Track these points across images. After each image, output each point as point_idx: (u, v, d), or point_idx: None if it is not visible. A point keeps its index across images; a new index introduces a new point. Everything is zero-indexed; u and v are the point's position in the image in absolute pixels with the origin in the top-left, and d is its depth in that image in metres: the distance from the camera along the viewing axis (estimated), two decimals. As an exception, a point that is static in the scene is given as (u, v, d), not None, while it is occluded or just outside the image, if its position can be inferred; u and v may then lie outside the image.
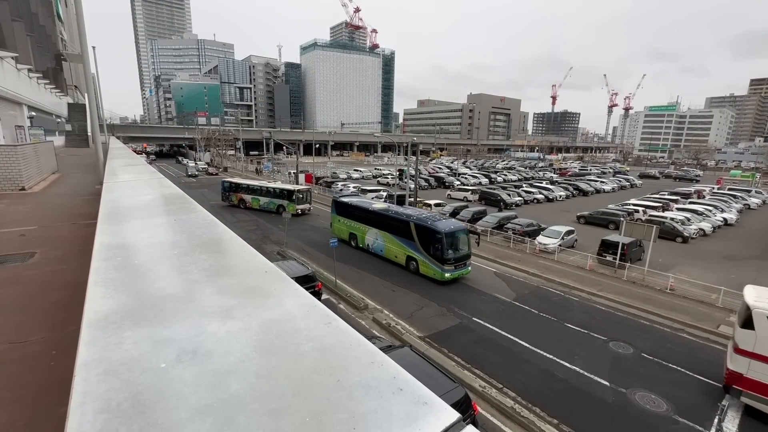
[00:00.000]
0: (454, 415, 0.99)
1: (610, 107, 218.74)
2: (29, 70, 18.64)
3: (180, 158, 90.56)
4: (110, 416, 0.97)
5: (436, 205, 33.64)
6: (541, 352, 12.77)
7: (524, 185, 48.84)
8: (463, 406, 8.47)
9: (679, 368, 12.16)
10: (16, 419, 1.89)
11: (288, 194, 31.75)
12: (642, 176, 73.33)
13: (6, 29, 14.70)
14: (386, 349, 10.04)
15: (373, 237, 22.19)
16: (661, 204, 36.22)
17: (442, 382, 8.84)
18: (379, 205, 23.57)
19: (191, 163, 74.14)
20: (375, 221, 22.09)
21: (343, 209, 24.63)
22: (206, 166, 70.01)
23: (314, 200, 36.01)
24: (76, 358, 1.22)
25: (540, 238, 24.28)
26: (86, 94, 13.79)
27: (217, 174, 64.82)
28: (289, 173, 53.59)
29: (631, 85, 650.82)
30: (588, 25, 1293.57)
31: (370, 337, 12.24)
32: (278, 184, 34.34)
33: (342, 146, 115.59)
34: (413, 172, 33.58)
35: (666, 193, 44.81)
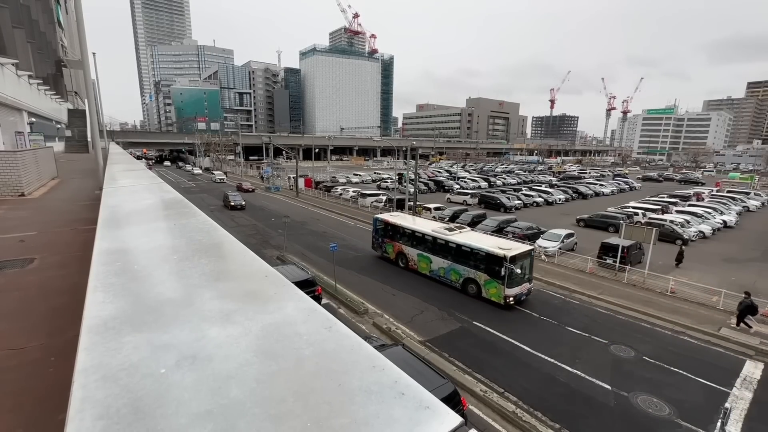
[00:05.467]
0: (456, 420, 0.98)
1: (608, 110, 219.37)
2: (29, 77, 18.70)
3: (180, 163, 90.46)
4: (109, 422, 0.96)
5: (436, 209, 33.61)
6: (542, 356, 12.72)
7: (523, 188, 48.91)
8: (453, 401, 8.83)
9: (680, 371, 12.11)
10: (14, 426, 1.87)
11: (488, 262, 16.37)
12: (644, 179, 73.31)
13: (7, 36, 14.76)
14: (379, 348, 10.21)
15: None
16: (660, 207, 36.24)
17: (432, 379, 9.31)
18: None
19: (227, 186, 49.13)
20: None
21: None
22: (224, 176, 58.18)
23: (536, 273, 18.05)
24: (74, 364, 1.21)
25: (540, 242, 24.26)
26: (86, 100, 13.83)
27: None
28: (289, 177, 53.50)
29: (618, 89, 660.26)
30: (567, 31, 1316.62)
31: (364, 337, 12.25)
32: (467, 238, 17.92)
33: (341, 151, 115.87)
34: (413, 176, 33.61)
35: (665, 195, 44.85)
